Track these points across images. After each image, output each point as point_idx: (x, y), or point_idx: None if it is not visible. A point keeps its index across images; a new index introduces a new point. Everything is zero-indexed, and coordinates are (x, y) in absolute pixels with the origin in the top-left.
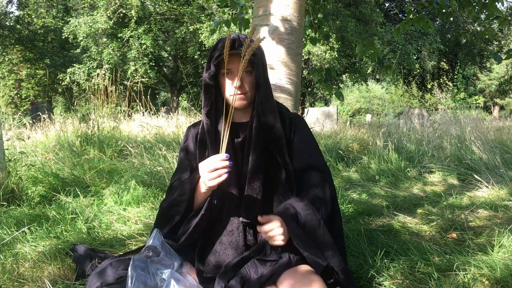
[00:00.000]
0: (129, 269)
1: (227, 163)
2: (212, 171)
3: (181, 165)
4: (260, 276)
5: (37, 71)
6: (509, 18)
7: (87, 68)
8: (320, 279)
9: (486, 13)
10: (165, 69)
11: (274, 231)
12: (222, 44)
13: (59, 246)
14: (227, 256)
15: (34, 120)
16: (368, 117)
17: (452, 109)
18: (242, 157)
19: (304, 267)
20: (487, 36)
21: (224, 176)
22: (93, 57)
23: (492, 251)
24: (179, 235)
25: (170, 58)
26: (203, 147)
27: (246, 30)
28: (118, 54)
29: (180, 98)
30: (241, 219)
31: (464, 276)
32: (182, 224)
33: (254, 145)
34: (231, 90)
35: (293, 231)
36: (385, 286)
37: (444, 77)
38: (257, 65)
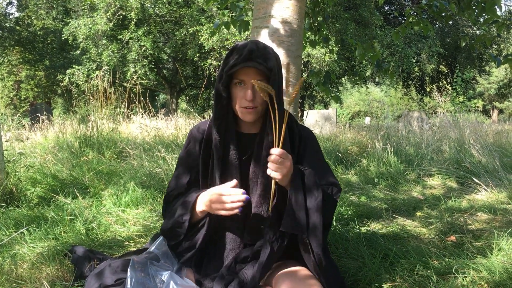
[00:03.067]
0: (129, 270)
1: (244, 197)
2: (227, 202)
3: (182, 167)
4: (253, 277)
5: (36, 72)
6: (507, 22)
7: (86, 70)
8: (319, 284)
9: (485, 17)
10: (164, 71)
11: (282, 160)
12: (238, 52)
13: (58, 248)
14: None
15: (33, 121)
16: (367, 120)
17: (451, 112)
18: (247, 175)
19: (303, 271)
20: (485, 41)
21: (237, 210)
22: (92, 58)
23: (491, 254)
24: (179, 252)
25: (169, 60)
26: (208, 158)
27: (246, 32)
28: (118, 56)
29: (179, 100)
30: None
31: (463, 279)
32: (182, 241)
33: (264, 167)
34: (243, 102)
35: (294, 182)
36: None
37: (443, 80)
38: (273, 81)
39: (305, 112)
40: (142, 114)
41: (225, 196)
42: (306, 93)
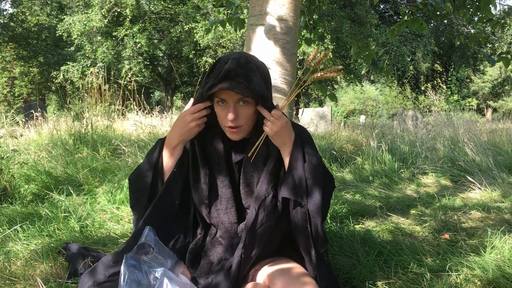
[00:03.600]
0: (122, 267)
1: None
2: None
3: None
4: (238, 267)
5: (30, 69)
6: (501, 21)
7: (81, 67)
8: (313, 282)
9: (480, 15)
10: (159, 68)
11: (274, 120)
12: (217, 70)
13: (52, 245)
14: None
15: (27, 118)
16: (362, 118)
17: (445, 111)
18: (238, 178)
19: (298, 269)
20: (479, 40)
21: (200, 122)
22: (87, 55)
23: (485, 252)
24: (178, 248)
25: (165, 57)
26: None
27: (241, 30)
28: (113, 53)
29: (174, 98)
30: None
31: (457, 277)
32: (178, 241)
33: (259, 172)
34: (226, 121)
35: (296, 144)
36: (378, 286)
37: (438, 79)
38: (259, 99)
39: (300, 110)
40: (137, 112)
41: (185, 115)
42: (302, 91)
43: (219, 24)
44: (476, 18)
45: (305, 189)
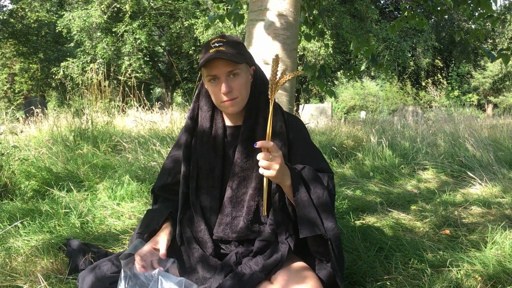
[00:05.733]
0: (122, 269)
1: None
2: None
3: (169, 162)
4: (252, 274)
5: (30, 65)
6: (501, 17)
7: (81, 63)
8: (314, 275)
9: (480, 11)
10: (159, 65)
11: (272, 158)
12: (204, 48)
13: (52, 241)
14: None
15: (27, 115)
16: (363, 114)
17: (446, 106)
18: (230, 161)
19: (298, 264)
20: (479, 36)
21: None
22: (87, 51)
23: (485, 248)
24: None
25: (164, 53)
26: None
27: (241, 26)
28: (112, 49)
29: (174, 94)
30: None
31: (457, 272)
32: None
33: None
34: (220, 96)
35: (293, 176)
36: (379, 281)
37: (439, 74)
38: (248, 64)
39: (300, 106)
40: (137, 108)
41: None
42: (302, 87)
43: (218, 20)
44: (476, 14)
45: (320, 220)
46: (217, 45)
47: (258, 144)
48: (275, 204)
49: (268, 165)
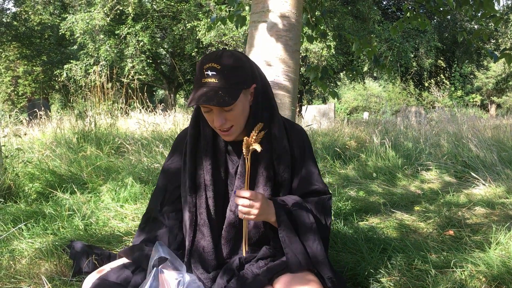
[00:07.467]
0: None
1: None
2: None
3: (161, 181)
4: (255, 278)
5: (34, 68)
6: (504, 17)
7: (84, 65)
8: (316, 279)
9: (482, 11)
10: (162, 67)
11: (250, 205)
12: (197, 79)
13: (56, 243)
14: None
15: (30, 117)
16: (366, 115)
17: (449, 107)
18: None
19: None
20: (482, 36)
21: None
22: (90, 53)
23: (489, 248)
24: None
25: (167, 55)
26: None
27: (243, 28)
28: (115, 51)
29: (177, 96)
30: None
31: (461, 273)
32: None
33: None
34: (215, 125)
35: (279, 216)
36: (382, 282)
37: (442, 75)
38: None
39: (303, 107)
40: (140, 110)
41: None
42: (304, 88)
43: (220, 22)
44: (479, 14)
45: (307, 254)
46: (210, 73)
47: (236, 194)
48: (270, 234)
49: (247, 212)
